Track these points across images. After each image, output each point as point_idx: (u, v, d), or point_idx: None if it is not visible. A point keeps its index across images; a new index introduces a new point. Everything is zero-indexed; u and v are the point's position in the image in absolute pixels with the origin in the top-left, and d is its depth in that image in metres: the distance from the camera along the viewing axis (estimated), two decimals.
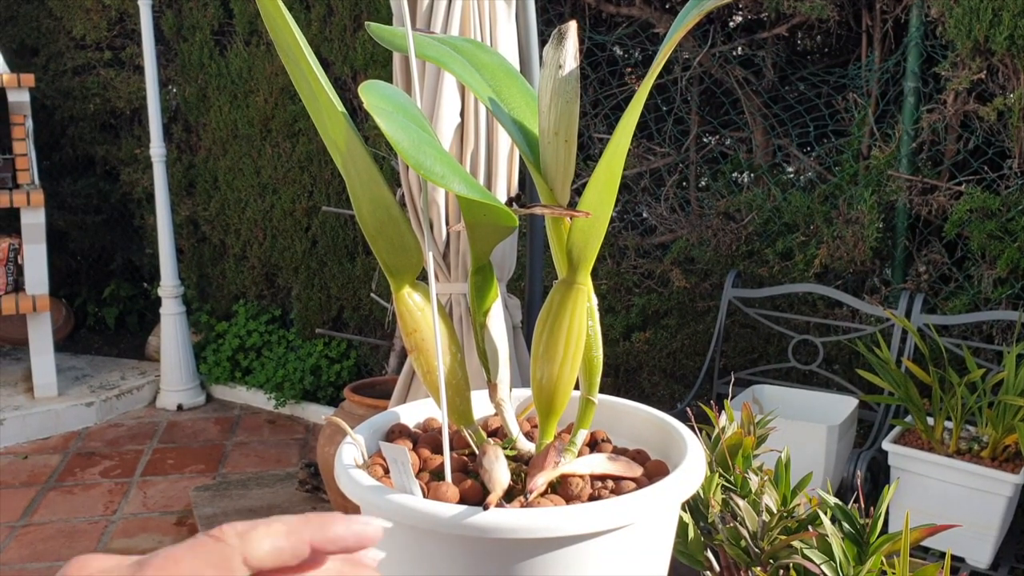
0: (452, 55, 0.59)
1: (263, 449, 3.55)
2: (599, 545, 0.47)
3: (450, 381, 0.57)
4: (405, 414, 0.66)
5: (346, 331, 3.93)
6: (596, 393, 0.56)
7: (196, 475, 3.24)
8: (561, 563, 0.47)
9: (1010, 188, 2.47)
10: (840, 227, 2.68)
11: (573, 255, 0.50)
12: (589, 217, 0.48)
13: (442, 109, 1.93)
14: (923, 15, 2.57)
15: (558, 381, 0.53)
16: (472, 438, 0.59)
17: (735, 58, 3.06)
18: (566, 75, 0.50)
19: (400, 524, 0.48)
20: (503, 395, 0.57)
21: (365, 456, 0.56)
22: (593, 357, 0.54)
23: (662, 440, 0.61)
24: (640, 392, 3.12)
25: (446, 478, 0.53)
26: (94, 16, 4.32)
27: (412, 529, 0.48)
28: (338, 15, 3.62)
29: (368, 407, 2.37)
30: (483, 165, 1.99)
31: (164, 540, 2.78)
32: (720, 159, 3.17)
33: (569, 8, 3.24)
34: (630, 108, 0.50)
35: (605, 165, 0.47)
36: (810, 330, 2.76)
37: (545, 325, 0.53)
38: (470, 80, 0.58)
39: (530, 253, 2.07)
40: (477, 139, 1.97)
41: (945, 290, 2.62)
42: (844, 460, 2.23)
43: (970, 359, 2.14)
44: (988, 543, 2.01)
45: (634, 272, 3.14)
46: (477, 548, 0.47)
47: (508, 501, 0.51)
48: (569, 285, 0.51)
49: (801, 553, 0.63)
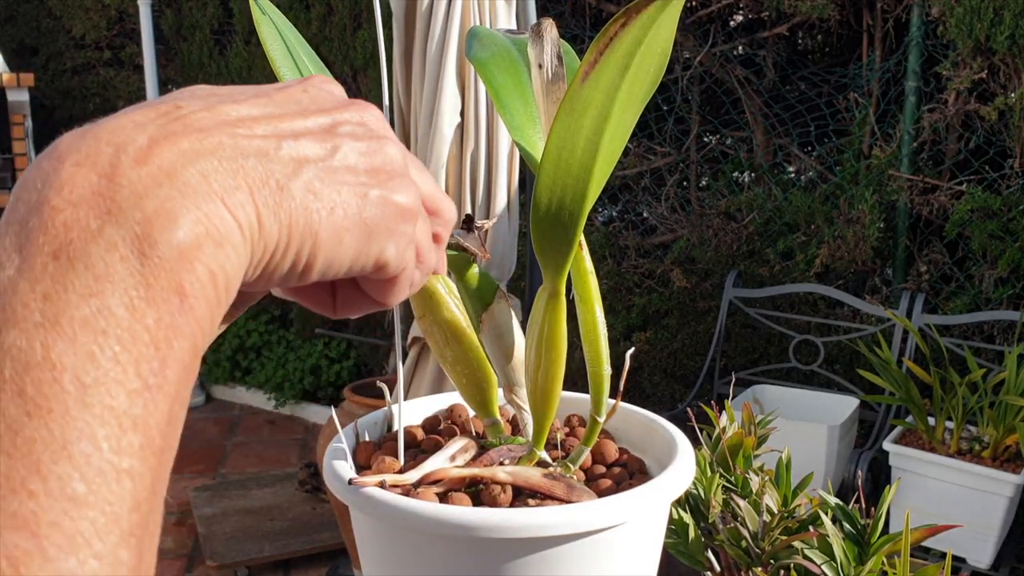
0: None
1: (263, 449, 3.54)
2: (590, 544, 0.47)
3: (462, 370, 0.57)
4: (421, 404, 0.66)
5: (346, 331, 3.93)
6: (604, 411, 0.55)
7: (196, 475, 3.24)
8: (550, 562, 0.46)
9: (1011, 188, 2.47)
10: (841, 227, 2.68)
11: (543, 259, 0.50)
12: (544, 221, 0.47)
13: (442, 109, 1.92)
14: (924, 14, 2.56)
15: (538, 387, 0.53)
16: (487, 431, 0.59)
17: (736, 57, 3.06)
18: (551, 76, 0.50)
19: (386, 522, 0.48)
20: (518, 396, 0.57)
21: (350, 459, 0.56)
22: (597, 372, 0.53)
23: (652, 440, 0.61)
24: (641, 392, 3.11)
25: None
26: (93, 16, 4.32)
27: (398, 527, 0.48)
28: (338, 14, 3.61)
29: (368, 407, 2.36)
30: (483, 165, 1.98)
31: (163, 540, 2.77)
32: (721, 159, 3.16)
33: (569, 7, 3.23)
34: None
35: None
36: (811, 330, 2.75)
37: (527, 331, 0.53)
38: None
39: (530, 253, 2.07)
40: (477, 139, 1.97)
41: (946, 290, 2.61)
42: (845, 460, 2.23)
43: (971, 359, 2.14)
44: (989, 543, 2.01)
45: (635, 272, 3.14)
46: (463, 547, 0.46)
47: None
48: (543, 290, 0.51)
49: (802, 553, 0.63)
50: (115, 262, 0.23)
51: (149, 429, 0.23)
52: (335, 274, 0.29)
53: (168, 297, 0.23)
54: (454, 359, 0.57)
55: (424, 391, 2.09)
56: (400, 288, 0.33)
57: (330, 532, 2.65)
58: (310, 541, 2.63)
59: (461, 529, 0.45)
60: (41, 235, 0.22)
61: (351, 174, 0.29)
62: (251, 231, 0.26)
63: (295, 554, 2.60)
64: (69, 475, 0.21)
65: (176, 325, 0.23)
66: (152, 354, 0.23)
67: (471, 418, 0.62)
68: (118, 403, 0.22)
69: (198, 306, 0.24)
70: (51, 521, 0.21)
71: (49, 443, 0.21)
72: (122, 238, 0.23)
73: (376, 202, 0.29)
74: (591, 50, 0.40)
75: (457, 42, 1.90)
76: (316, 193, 0.27)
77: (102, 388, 0.22)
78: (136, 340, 0.23)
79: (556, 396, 0.53)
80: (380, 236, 0.30)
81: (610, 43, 0.39)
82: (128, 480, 0.22)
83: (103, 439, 0.22)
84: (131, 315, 0.23)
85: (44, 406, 0.21)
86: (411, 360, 2.13)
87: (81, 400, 0.21)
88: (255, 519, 2.75)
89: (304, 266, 0.28)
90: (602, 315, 0.52)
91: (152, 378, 0.23)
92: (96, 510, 0.21)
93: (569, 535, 0.46)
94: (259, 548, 2.58)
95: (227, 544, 2.60)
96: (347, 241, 0.28)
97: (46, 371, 0.21)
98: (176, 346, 0.23)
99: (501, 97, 0.52)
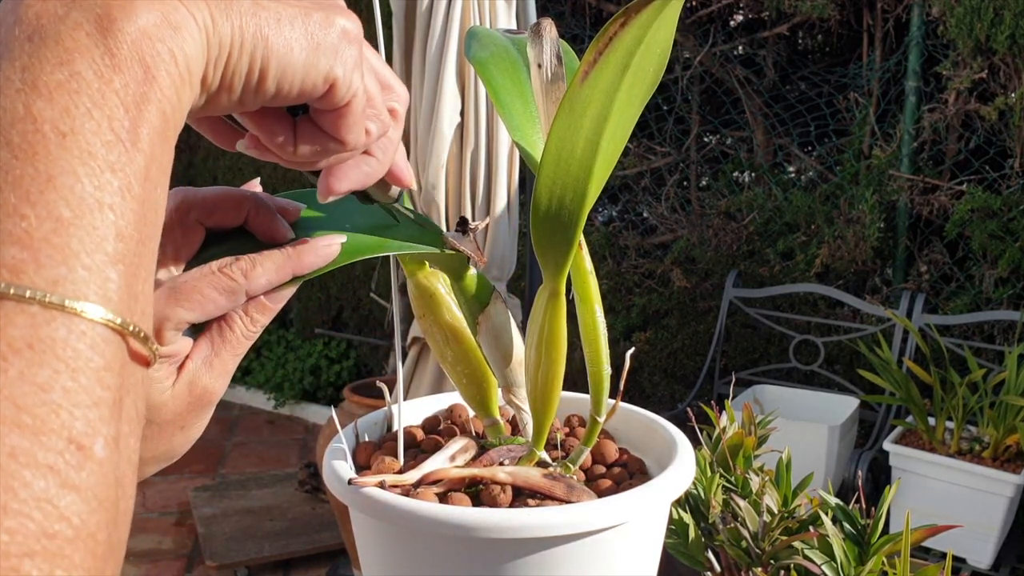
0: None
1: (262, 449, 3.54)
2: (590, 544, 0.47)
3: (463, 370, 0.56)
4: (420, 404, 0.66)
5: (346, 331, 3.93)
6: (603, 411, 0.54)
7: (195, 475, 3.24)
8: (549, 563, 0.46)
9: (1011, 188, 2.47)
10: (841, 227, 2.68)
11: (543, 259, 0.49)
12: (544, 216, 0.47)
13: (442, 109, 1.92)
14: (924, 14, 2.56)
15: (538, 387, 0.53)
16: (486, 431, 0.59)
17: (736, 57, 3.06)
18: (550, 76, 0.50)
19: (386, 522, 0.48)
20: (517, 396, 0.57)
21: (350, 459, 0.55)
22: (597, 372, 0.53)
23: (652, 440, 0.61)
24: (641, 392, 3.11)
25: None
26: None
27: (397, 527, 0.48)
28: None
29: (368, 407, 2.36)
30: (483, 165, 1.98)
31: (163, 540, 2.77)
32: (721, 159, 3.16)
33: (569, 7, 3.23)
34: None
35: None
36: (811, 330, 2.75)
37: (527, 331, 0.53)
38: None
39: (530, 253, 2.07)
40: (477, 139, 1.96)
41: (946, 290, 2.61)
42: (845, 460, 2.23)
43: (971, 359, 2.14)
44: (989, 543, 2.01)
45: (635, 272, 3.14)
46: (463, 548, 0.46)
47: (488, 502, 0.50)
48: (543, 290, 0.51)
49: (802, 554, 0.63)
50: (81, 36, 0.26)
51: (127, 176, 0.26)
52: (289, 87, 0.32)
53: (132, 67, 0.27)
54: (454, 359, 0.57)
55: (424, 391, 2.08)
56: (353, 120, 0.35)
57: (330, 532, 2.65)
58: (310, 541, 2.63)
59: (461, 529, 0.45)
60: (17, 27, 0.26)
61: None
62: (205, 25, 0.29)
63: (295, 554, 2.60)
64: (55, 202, 0.25)
65: (143, 92, 0.27)
66: (123, 114, 0.26)
67: (471, 418, 0.61)
68: (95, 149, 0.26)
69: (161, 78, 0.28)
70: (42, 237, 0.24)
71: (35, 178, 0.24)
72: (86, 18, 0.26)
73: (319, 21, 0.32)
74: (590, 50, 0.39)
75: (457, 42, 1.90)
76: (263, 6, 0.31)
77: (79, 136, 0.25)
78: (106, 100, 0.26)
79: (556, 396, 0.53)
80: (327, 51, 0.32)
81: (610, 43, 0.39)
82: (110, 212, 0.26)
83: (83, 175, 0.25)
84: (99, 79, 0.26)
85: (29, 150, 0.25)
86: (411, 360, 2.13)
87: (61, 144, 0.25)
88: (255, 519, 2.75)
89: (260, 71, 0.31)
90: (602, 315, 0.52)
91: (124, 133, 0.26)
92: (82, 231, 0.25)
93: (569, 535, 0.46)
94: (259, 548, 2.58)
95: (227, 544, 2.60)
96: (296, 51, 0.31)
97: (28, 123, 0.25)
98: (145, 110, 0.27)
99: (500, 97, 0.52)
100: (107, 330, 0.25)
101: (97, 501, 0.24)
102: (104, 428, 0.25)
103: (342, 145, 0.36)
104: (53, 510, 0.23)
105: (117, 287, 0.26)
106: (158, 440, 0.39)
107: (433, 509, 0.46)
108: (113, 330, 0.25)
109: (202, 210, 0.41)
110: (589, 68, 0.40)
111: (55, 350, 0.24)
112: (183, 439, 0.40)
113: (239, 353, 0.40)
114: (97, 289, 0.25)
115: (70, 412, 0.24)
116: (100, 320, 0.25)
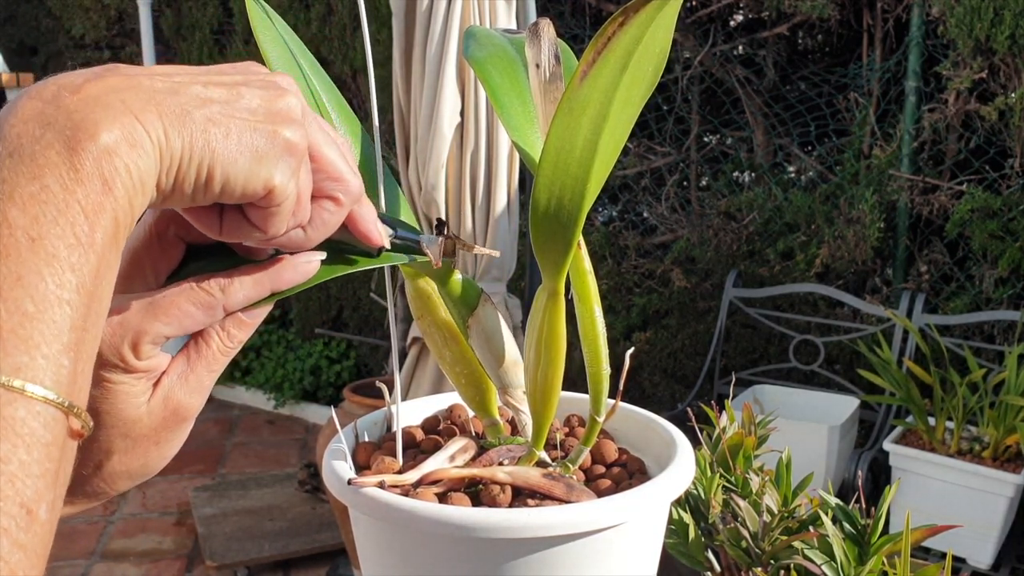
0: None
1: (262, 449, 3.54)
2: (589, 544, 0.47)
3: (461, 371, 0.56)
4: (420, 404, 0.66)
5: (346, 331, 3.93)
6: (603, 411, 0.54)
7: (195, 475, 3.24)
8: (549, 563, 0.46)
9: (1011, 188, 2.47)
10: (841, 227, 2.68)
11: (542, 259, 0.49)
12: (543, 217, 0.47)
13: (442, 109, 1.92)
14: (924, 14, 2.56)
15: (537, 387, 0.53)
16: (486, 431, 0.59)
17: (736, 57, 3.06)
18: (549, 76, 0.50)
19: (386, 522, 0.48)
20: (514, 397, 0.57)
21: (350, 459, 0.55)
22: (596, 372, 0.53)
23: (651, 440, 0.60)
24: (641, 392, 3.11)
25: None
26: (93, 15, 4.32)
27: (397, 527, 0.48)
28: (337, 14, 3.61)
29: (368, 407, 2.36)
30: (483, 165, 1.98)
31: (163, 540, 2.77)
32: (721, 158, 3.16)
33: (569, 7, 3.23)
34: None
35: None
36: (811, 330, 2.75)
37: (527, 331, 0.53)
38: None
39: (530, 253, 2.07)
40: (477, 139, 1.96)
41: (946, 290, 2.61)
42: (845, 460, 2.23)
43: (971, 359, 2.14)
44: (989, 543, 2.01)
45: (635, 272, 3.13)
46: (463, 548, 0.46)
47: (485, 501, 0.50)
48: (542, 290, 0.51)
49: (802, 554, 0.63)
50: (52, 155, 0.30)
51: (83, 275, 0.30)
52: (231, 190, 0.35)
53: (93, 180, 0.31)
54: (452, 359, 0.57)
55: (424, 391, 2.08)
56: (279, 219, 0.38)
57: (330, 532, 2.65)
58: (310, 541, 2.63)
59: (460, 529, 0.45)
60: (1, 144, 0.30)
61: (249, 113, 0.36)
62: (159, 141, 0.33)
63: (295, 554, 2.60)
64: (22, 298, 0.28)
65: (100, 202, 0.31)
66: (83, 220, 0.30)
67: (471, 418, 0.61)
68: (58, 251, 0.30)
69: (117, 189, 0.32)
70: (10, 328, 0.28)
71: (7, 276, 0.28)
72: (56, 139, 0.31)
73: (266, 134, 0.36)
74: (589, 49, 0.39)
75: (457, 42, 1.90)
76: (215, 122, 0.34)
77: (46, 241, 0.29)
78: (69, 209, 0.30)
79: (555, 396, 0.53)
80: (269, 161, 0.36)
81: (608, 42, 0.39)
82: (67, 307, 0.30)
83: (47, 275, 0.29)
84: (64, 191, 0.30)
85: (3, 252, 0.29)
86: (411, 360, 2.13)
87: (31, 248, 0.29)
88: (255, 519, 2.75)
89: (207, 177, 0.34)
90: (601, 315, 0.52)
91: (84, 237, 0.30)
92: (43, 324, 0.29)
93: (569, 535, 0.45)
94: (259, 548, 2.58)
95: (227, 544, 2.60)
96: (240, 162, 0.35)
97: (4, 228, 0.29)
98: (102, 216, 0.31)
99: (498, 97, 0.52)
100: (56, 410, 0.29)
101: (37, 557, 0.28)
102: (48, 494, 0.28)
103: (263, 233, 0.38)
104: (4, 566, 0.27)
105: (68, 372, 0.30)
106: (133, 455, 0.41)
107: (433, 509, 0.46)
108: (60, 410, 0.29)
109: (181, 225, 0.41)
110: (588, 68, 0.40)
111: (14, 427, 0.28)
112: (158, 455, 0.42)
113: (215, 369, 0.42)
114: (52, 375, 0.29)
115: (23, 481, 0.27)
116: (52, 402, 0.29)
